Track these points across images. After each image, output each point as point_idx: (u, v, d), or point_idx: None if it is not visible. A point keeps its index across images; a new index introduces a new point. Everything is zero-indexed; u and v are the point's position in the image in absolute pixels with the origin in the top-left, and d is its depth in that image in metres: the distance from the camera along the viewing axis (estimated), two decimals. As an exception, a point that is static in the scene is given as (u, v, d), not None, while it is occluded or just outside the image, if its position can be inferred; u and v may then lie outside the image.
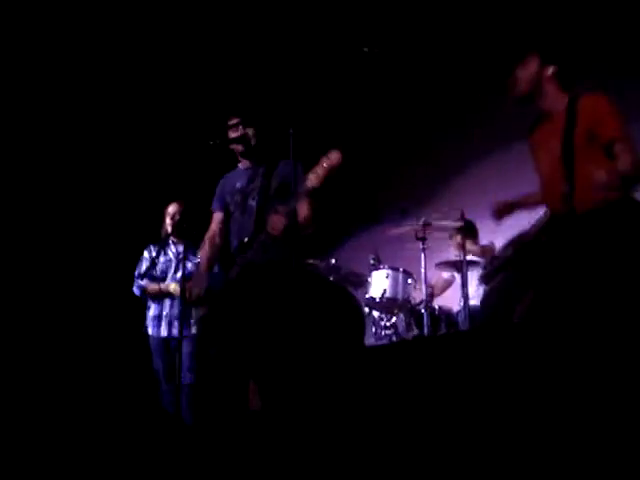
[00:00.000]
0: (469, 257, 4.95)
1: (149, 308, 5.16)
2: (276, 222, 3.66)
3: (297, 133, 3.51)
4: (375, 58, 3.50)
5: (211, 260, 4.07)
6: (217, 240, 4.10)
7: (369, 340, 5.11)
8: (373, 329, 5.24)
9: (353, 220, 6.78)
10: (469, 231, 5.24)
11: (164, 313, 5.08)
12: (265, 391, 1.49)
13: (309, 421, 1.45)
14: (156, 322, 5.10)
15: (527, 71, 3.30)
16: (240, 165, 4.14)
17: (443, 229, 5.17)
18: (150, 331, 5.10)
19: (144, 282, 5.15)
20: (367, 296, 5.23)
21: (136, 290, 5.18)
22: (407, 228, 5.17)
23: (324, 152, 4.00)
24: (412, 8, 5.87)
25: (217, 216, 4.15)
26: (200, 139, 4.03)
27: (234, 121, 4.04)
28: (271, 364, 1.50)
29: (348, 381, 1.49)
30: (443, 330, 5.03)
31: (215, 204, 4.18)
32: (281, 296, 1.37)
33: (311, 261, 5.39)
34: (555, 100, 3.30)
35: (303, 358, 1.50)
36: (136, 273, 5.21)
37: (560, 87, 3.29)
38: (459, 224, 4.95)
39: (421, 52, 5.93)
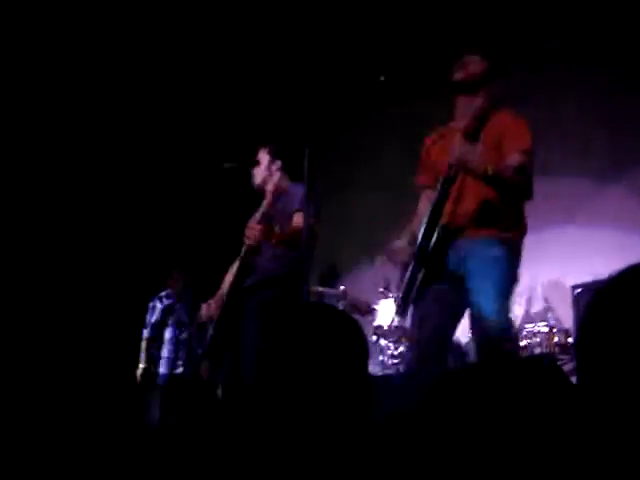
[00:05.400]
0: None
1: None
2: (250, 230, 3.58)
3: (313, 151, 3.49)
4: (390, 86, 3.50)
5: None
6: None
7: (375, 369, 5.05)
8: (380, 358, 5.18)
9: (365, 247, 6.75)
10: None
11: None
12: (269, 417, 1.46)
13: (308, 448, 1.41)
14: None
15: (477, 66, 3.26)
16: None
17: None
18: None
19: None
20: (375, 324, 5.19)
21: None
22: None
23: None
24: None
25: None
26: (215, 162, 4.03)
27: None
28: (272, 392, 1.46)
29: (349, 412, 1.45)
30: (451, 361, 4.97)
31: None
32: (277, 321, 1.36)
33: (320, 289, 5.37)
34: (475, 104, 3.22)
35: (304, 386, 1.46)
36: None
37: (487, 97, 3.24)
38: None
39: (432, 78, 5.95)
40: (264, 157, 4.00)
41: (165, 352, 5.53)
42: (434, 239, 3.12)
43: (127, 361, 5.61)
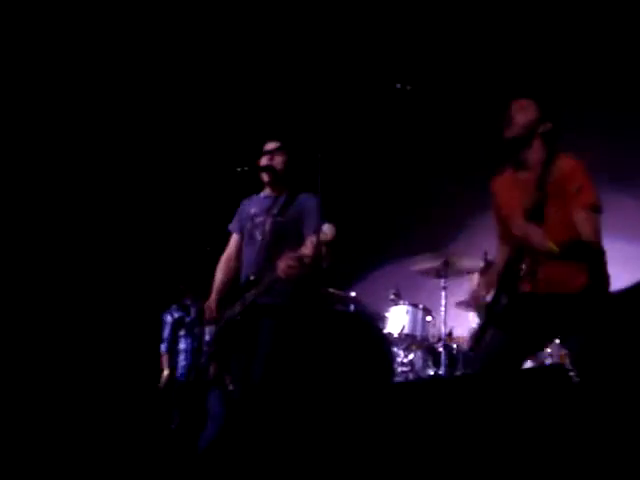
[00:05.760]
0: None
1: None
2: (287, 267, 3.59)
3: (325, 158, 3.52)
4: (406, 95, 3.52)
5: (225, 282, 4.08)
6: (233, 263, 4.12)
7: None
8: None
9: (376, 254, 6.77)
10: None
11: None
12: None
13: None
14: None
15: (525, 117, 3.24)
16: (263, 192, 4.15)
17: (464, 269, 5.17)
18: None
19: None
20: (385, 331, 5.22)
21: None
22: (428, 265, 5.20)
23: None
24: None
25: (234, 238, 4.16)
26: (228, 165, 4.06)
27: (271, 146, 4.07)
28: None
29: (361, 418, 1.50)
30: (460, 370, 5.00)
31: (233, 226, 4.19)
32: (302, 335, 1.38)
33: (331, 290, 5.38)
34: (535, 154, 3.23)
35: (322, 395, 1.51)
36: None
37: (545, 144, 3.23)
38: (480, 265, 4.91)
39: (453, 90, 5.97)
40: (279, 160, 4.04)
41: (181, 359, 5.74)
42: (504, 304, 3.19)
43: (147, 369, 5.78)
